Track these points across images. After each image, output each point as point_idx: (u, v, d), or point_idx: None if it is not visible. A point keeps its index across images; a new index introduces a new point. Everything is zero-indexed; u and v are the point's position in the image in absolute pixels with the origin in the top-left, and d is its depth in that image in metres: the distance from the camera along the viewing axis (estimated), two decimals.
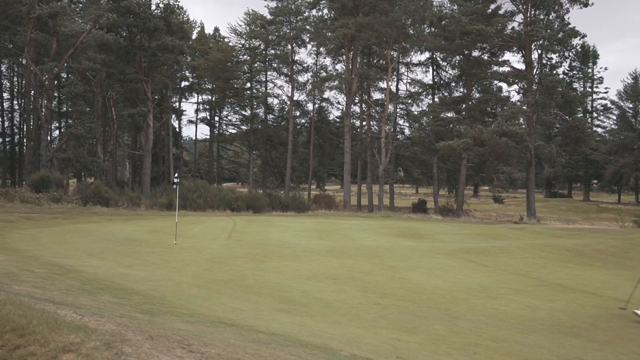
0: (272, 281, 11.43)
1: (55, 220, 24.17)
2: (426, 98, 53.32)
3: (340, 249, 17.15)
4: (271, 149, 62.90)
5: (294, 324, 7.61)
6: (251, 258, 14.72)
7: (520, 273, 13.95)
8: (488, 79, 45.30)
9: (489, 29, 37.54)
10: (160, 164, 56.14)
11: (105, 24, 41.25)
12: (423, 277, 12.87)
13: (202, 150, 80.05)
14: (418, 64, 53.54)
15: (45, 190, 34.01)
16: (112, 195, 35.71)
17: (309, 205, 42.72)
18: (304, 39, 55.41)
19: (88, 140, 45.08)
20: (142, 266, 12.57)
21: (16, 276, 8.93)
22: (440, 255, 16.39)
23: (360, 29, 44.23)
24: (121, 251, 15.24)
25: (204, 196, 37.57)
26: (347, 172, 47.77)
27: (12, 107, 57.38)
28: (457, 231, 25.84)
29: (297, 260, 14.57)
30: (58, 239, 17.28)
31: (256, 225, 26.34)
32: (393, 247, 18.21)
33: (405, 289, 11.31)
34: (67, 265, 11.22)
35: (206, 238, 20.14)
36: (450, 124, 42.62)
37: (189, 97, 65.66)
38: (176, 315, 6.95)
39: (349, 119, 48.15)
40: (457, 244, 20.00)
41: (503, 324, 8.75)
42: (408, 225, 28.82)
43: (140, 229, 22.17)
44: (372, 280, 12.08)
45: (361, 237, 22.24)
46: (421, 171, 56.97)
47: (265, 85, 61.07)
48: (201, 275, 11.64)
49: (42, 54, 43.68)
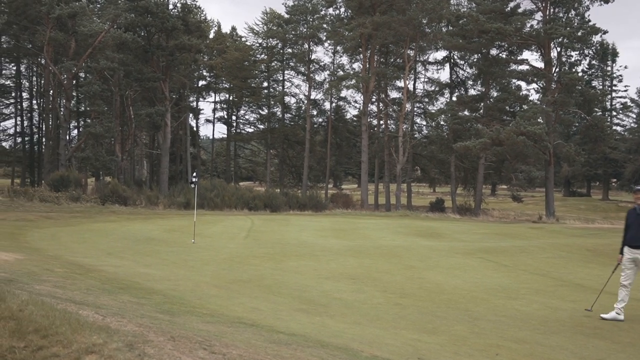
0: (291, 281, 11.40)
1: (74, 219, 24.35)
2: (443, 97, 53.08)
3: (358, 249, 17.10)
4: (288, 148, 63.02)
5: (314, 324, 7.57)
6: (269, 257, 14.72)
7: (541, 273, 13.81)
8: (506, 77, 44.96)
9: (507, 28, 37.28)
10: (177, 163, 56.46)
11: (123, 23, 41.52)
12: (442, 277, 12.78)
13: (219, 149, 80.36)
14: (435, 62, 53.30)
15: (64, 189, 34.29)
16: (130, 194, 35.92)
17: (326, 205, 42.69)
18: (320, 38, 55.46)
19: (106, 139, 45.42)
20: (161, 265, 12.61)
21: (37, 275, 8.98)
22: (460, 255, 16.28)
23: (377, 28, 44.11)
24: (140, 250, 15.31)
25: (222, 195, 37.68)
26: (364, 171, 47.70)
27: (31, 106, 57.95)
28: (475, 230, 25.68)
29: (315, 260, 14.54)
30: (77, 238, 17.40)
31: (274, 224, 26.36)
32: (412, 247, 18.13)
33: (425, 289, 11.23)
34: (87, 265, 11.28)
35: (224, 237, 20.18)
36: (468, 122, 42.36)
37: (207, 96, 65.97)
38: (196, 316, 6.94)
39: (366, 117, 48.06)
40: (476, 243, 19.86)
41: (524, 325, 8.65)
42: (426, 225, 28.69)
43: (159, 228, 22.27)
44: (391, 280, 12.01)
45: (379, 236, 22.17)
46: (439, 170, 56.78)
47: (283, 84, 61.15)
48: (220, 275, 11.65)
49: (60, 53, 44.04)
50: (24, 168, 59.53)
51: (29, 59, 54.15)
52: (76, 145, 43.63)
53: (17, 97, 58.68)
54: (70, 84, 41.43)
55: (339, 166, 65.93)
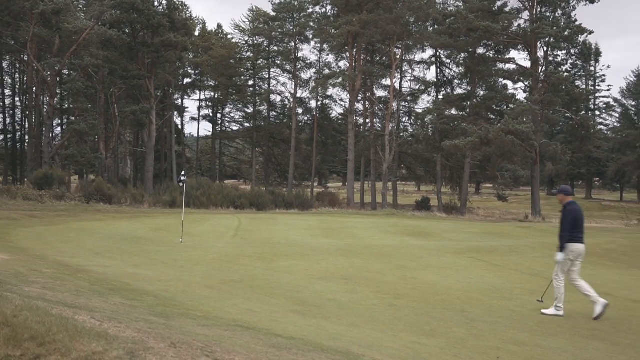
0: (283, 281, 11.25)
1: (59, 218, 24.01)
2: (429, 96, 53.11)
3: (348, 248, 16.98)
4: (274, 146, 62.82)
5: (310, 326, 7.43)
6: (259, 257, 14.55)
7: (532, 273, 13.78)
8: (493, 76, 45.09)
9: (495, 26, 37.40)
10: (162, 161, 56.04)
11: (108, 20, 41.07)
12: (435, 277, 12.69)
13: (204, 147, 79.92)
14: (421, 62, 53.30)
15: (47, 187, 33.85)
16: (115, 193, 35.54)
17: (313, 203, 42.54)
18: (307, 36, 55.30)
19: (90, 137, 44.96)
20: (150, 265, 12.40)
21: (25, 277, 8.76)
22: (450, 255, 16.22)
23: (364, 26, 44.04)
24: (128, 250, 15.07)
25: (208, 194, 37.43)
26: (350, 169, 47.62)
27: (13, 104, 57.22)
28: (463, 229, 25.67)
29: (306, 260, 14.40)
30: (63, 237, 17.11)
31: (261, 223, 26.18)
32: (401, 246, 18.05)
33: (419, 290, 11.13)
34: (75, 265, 11.05)
35: (212, 236, 19.98)
36: (455, 121, 42.40)
37: (192, 94, 65.57)
38: (191, 319, 6.77)
39: (352, 116, 47.96)
40: (466, 242, 19.83)
41: (522, 326, 8.57)
42: (414, 224, 28.65)
43: (146, 227, 22.01)
44: (384, 281, 11.90)
45: (368, 235, 22.08)
46: (424, 169, 56.87)
47: (269, 82, 60.92)
48: (211, 275, 11.47)
49: (44, 50, 43.51)
50: (7, 166, 58.79)
51: (11, 56, 53.41)
52: (60, 143, 43.15)
53: None
54: (54, 81, 40.92)
55: (324, 165, 65.81)
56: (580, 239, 9.44)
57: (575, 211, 9.48)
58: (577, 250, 9.44)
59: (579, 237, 9.43)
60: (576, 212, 9.48)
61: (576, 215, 9.45)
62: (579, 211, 9.54)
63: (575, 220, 9.42)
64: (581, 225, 9.50)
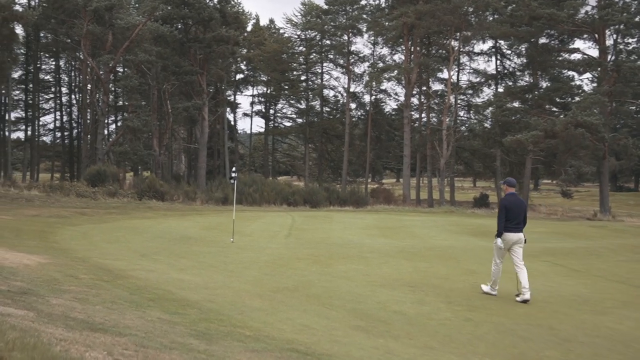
0: (342, 289, 10.13)
1: (109, 216, 23.52)
2: (488, 88, 51.15)
3: (410, 250, 15.75)
4: (327, 142, 61.81)
5: (378, 349, 6.31)
6: (315, 260, 13.47)
7: (620, 280, 12.27)
8: (556, 67, 42.89)
9: (560, 14, 35.27)
10: (215, 157, 55.75)
11: (160, 15, 40.77)
12: (510, 284, 11.30)
13: (257, 143, 79.54)
14: (480, 53, 51.36)
15: (101, 184, 33.68)
16: (167, 189, 35.14)
17: (367, 200, 41.34)
18: (360, 29, 54.00)
19: (144, 133, 44.84)
20: (198, 269, 11.47)
21: (58, 284, 7.90)
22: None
23: (420, 17, 42.50)
24: (175, 251, 14.23)
25: (261, 190, 36.66)
26: (406, 165, 46.20)
27: (70, 101, 57.92)
28: (530, 229, 23.88)
29: (365, 263, 13.24)
30: (110, 236, 16.43)
31: (315, 221, 25.15)
32: (467, 247, 16.73)
33: (495, 300, 9.86)
34: (117, 269, 10.20)
35: (264, 236, 19.04)
36: (517, 114, 40.33)
37: (244, 89, 65.07)
38: (238, 340, 5.72)
39: (408, 110, 46.50)
40: (537, 243, 18.28)
41: (627, 349, 7.23)
42: (476, 222, 27.14)
43: (196, 226, 21.26)
44: (454, 288, 10.64)
45: (429, 235, 20.76)
46: (482, 164, 54.99)
47: (321, 76, 59.88)
48: (263, 281, 10.44)
49: (98, 47, 43.62)
50: (64, 163, 59.64)
51: (67, 54, 54.00)
52: (114, 140, 43.16)
53: (57, 92, 58.75)
54: (108, 78, 40.84)
55: (378, 160, 64.43)
56: (512, 229, 9.94)
57: (508, 202, 9.97)
58: (507, 239, 9.97)
59: (511, 227, 9.92)
60: (508, 203, 9.96)
61: (507, 206, 9.93)
62: (513, 202, 9.98)
63: (508, 211, 9.90)
64: (516, 216, 9.93)
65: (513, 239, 9.96)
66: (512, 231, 9.95)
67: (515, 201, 10.02)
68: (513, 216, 9.91)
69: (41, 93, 58.41)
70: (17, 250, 11.30)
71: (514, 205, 9.96)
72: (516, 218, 9.94)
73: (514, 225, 9.94)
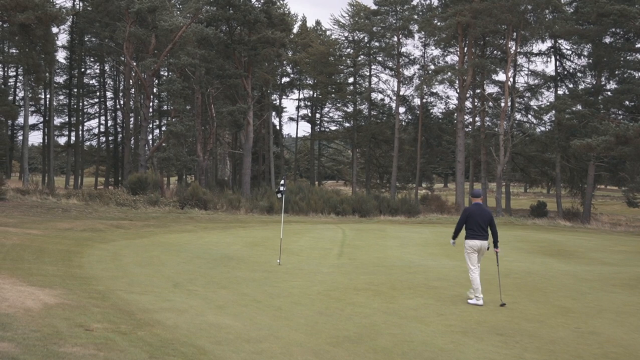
0: (416, 338, 8.11)
1: (146, 229, 21.97)
2: (547, 91, 48.32)
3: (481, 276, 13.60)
4: (375, 147, 59.76)
5: None
6: (376, 291, 11.47)
7: None
8: (623, 67, 39.95)
9: (631, 9, 32.52)
10: (260, 162, 54.30)
11: (204, 17, 39.49)
12: (621, 331, 9.13)
13: (302, 148, 77.97)
14: (538, 53, 48.58)
15: (142, 192, 32.41)
16: (210, 198, 33.66)
17: (419, 209, 39.14)
18: (411, 30, 51.84)
19: (188, 138, 43.61)
20: (239, 306, 9.61)
21: (60, 341, 6.15)
22: (620, 289, 12.48)
23: (476, 16, 40.15)
24: (215, 278, 12.42)
25: (307, 199, 34.91)
26: (460, 171, 43.86)
27: (115, 106, 57.36)
28: (611, 247, 21.55)
29: (435, 297, 11.18)
30: (143, 258, 14.74)
31: (368, 236, 23.16)
32: (548, 273, 14.50)
33: (611, 358, 7.68)
34: (140, 311, 8.42)
35: (314, 255, 17.15)
36: (584, 118, 37.49)
37: (290, 93, 63.50)
38: None
39: (462, 114, 44.12)
40: (628, 268, 15.91)
41: None
42: (545, 238, 24.73)
43: (239, 242, 19.51)
44: (554, 339, 8.49)
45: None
46: (539, 170, 52.23)
47: (369, 79, 57.83)
48: (317, 327, 8.50)
49: (141, 50, 42.62)
50: (108, 168, 59.02)
51: (112, 58, 53.35)
52: (156, 145, 42.00)
53: (102, 96, 58.23)
54: (151, 82, 39.65)
55: (429, 166, 62.00)
56: (473, 236, 10.55)
57: (470, 210, 10.69)
58: (470, 245, 10.60)
59: (472, 234, 10.55)
60: (470, 212, 10.64)
61: (468, 214, 10.63)
62: (475, 211, 10.60)
63: (468, 217, 10.60)
64: (477, 225, 10.51)
65: (477, 244, 10.55)
66: (473, 238, 10.56)
67: (477, 210, 10.65)
68: (472, 223, 10.53)
69: (86, 97, 57.96)
70: (29, 282, 9.64)
71: (476, 214, 10.57)
72: (476, 225, 10.51)
73: (474, 233, 10.53)
